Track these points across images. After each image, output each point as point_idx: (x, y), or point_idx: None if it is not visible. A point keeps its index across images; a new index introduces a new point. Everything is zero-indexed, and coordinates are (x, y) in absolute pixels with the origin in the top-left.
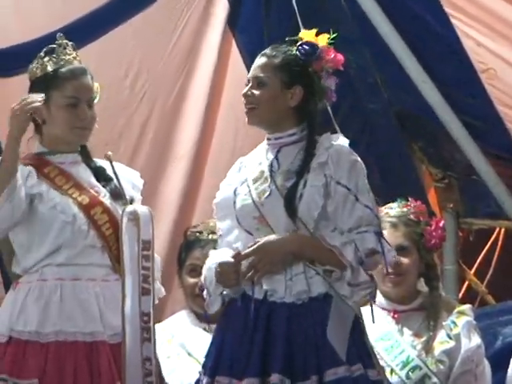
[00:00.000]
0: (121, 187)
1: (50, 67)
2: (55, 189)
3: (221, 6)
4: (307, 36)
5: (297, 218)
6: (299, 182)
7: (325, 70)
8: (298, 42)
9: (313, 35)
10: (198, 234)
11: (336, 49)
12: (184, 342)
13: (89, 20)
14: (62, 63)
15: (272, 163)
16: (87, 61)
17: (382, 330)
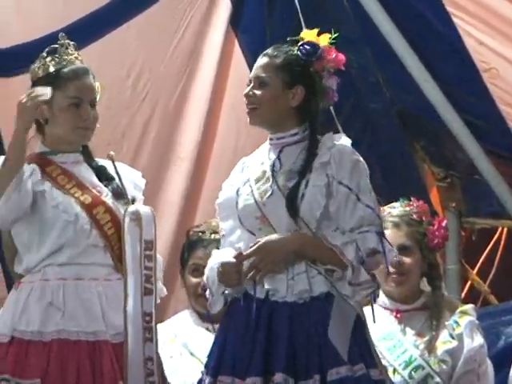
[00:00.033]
0: (123, 187)
1: (52, 67)
2: (58, 188)
3: (223, 6)
4: (309, 36)
5: (298, 218)
6: (301, 182)
7: (326, 70)
8: (300, 42)
9: (314, 35)
10: (201, 234)
11: (338, 48)
12: (186, 342)
13: (90, 20)
14: (64, 63)
15: (274, 163)
16: (89, 61)
17: (385, 330)
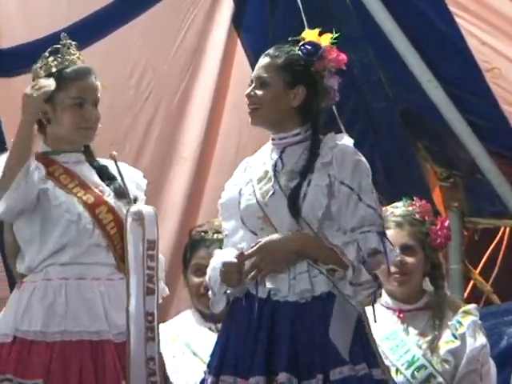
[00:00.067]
0: (125, 187)
1: (55, 67)
2: (60, 187)
3: (226, 6)
4: (310, 36)
5: (300, 218)
6: (303, 182)
7: (327, 70)
8: (301, 42)
9: (316, 35)
10: (203, 234)
11: (340, 48)
12: (189, 342)
13: (93, 20)
14: (67, 63)
15: (276, 163)
16: (92, 60)
17: (388, 330)
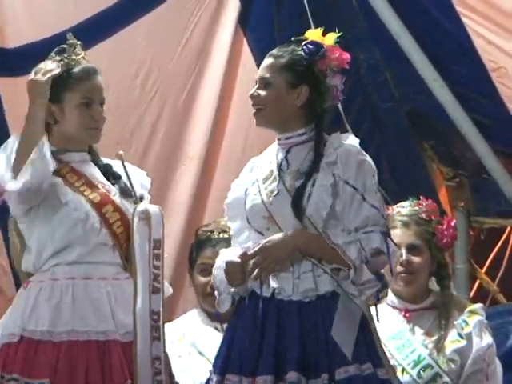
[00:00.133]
0: (131, 186)
1: (62, 67)
2: (68, 186)
3: (232, 5)
4: (313, 35)
5: (304, 218)
6: (307, 182)
7: (330, 69)
8: (304, 42)
9: (319, 34)
10: (209, 233)
11: (347, 48)
12: (195, 341)
13: (99, 19)
14: (73, 63)
15: (281, 163)
16: (98, 60)
17: (394, 329)
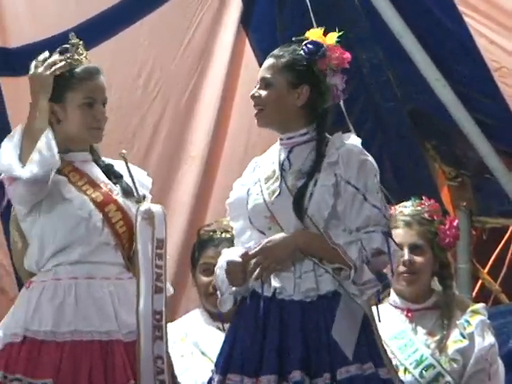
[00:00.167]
0: (134, 185)
1: (65, 67)
2: (71, 184)
3: (234, 5)
4: (314, 35)
5: (305, 218)
6: (309, 182)
7: (329, 68)
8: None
9: (320, 34)
10: (212, 233)
11: (349, 48)
12: (197, 341)
13: (100, 19)
14: (76, 63)
15: (283, 163)
16: (100, 60)
17: (396, 329)
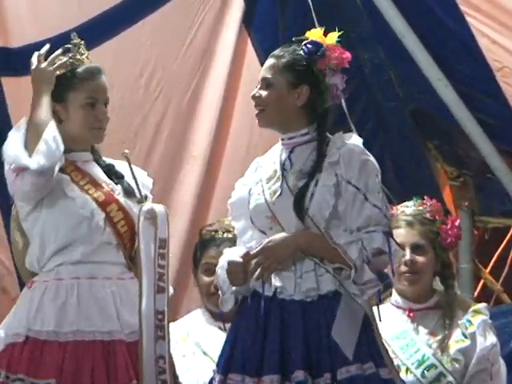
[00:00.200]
0: (137, 185)
1: (67, 67)
2: (73, 184)
3: (236, 5)
4: (314, 35)
5: (306, 218)
6: (310, 182)
7: (328, 68)
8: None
9: (320, 34)
10: (214, 233)
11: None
12: (199, 341)
13: (102, 19)
14: (77, 63)
15: (284, 163)
16: (102, 60)
17: (398, 329)
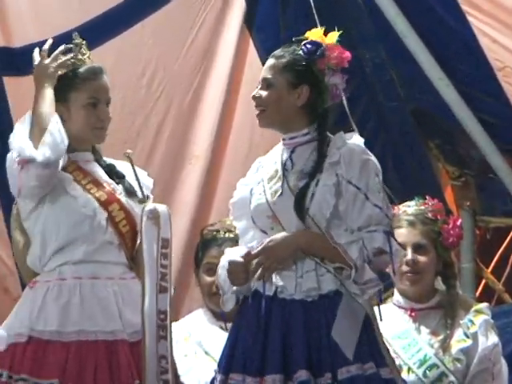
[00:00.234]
0: (139, 185)
1: (69, 67)
2: (76, 183)
3: (237, 5)
4: (314, 35)
5: (307, 219)
6: (311, 182)
7: (327, 68)
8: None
9: (320, 34)
10: (215, 233)
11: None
12: (201, 341)
13: (104, 19)
14: (79, 63)
15: (286, 163)
16: (104, 59)
17: (399, 329)
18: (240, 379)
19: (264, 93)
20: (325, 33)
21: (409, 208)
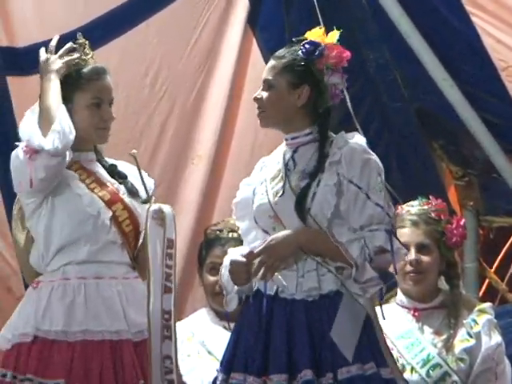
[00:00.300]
0: (144, 185)
1: (73, 67)
2: (80, 181)
3: (241, 5)
4: (313, 35)
5: (308, 219)
6: (312, 183)
7: (326, 67)
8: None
9: (320, 34)
10: (219, 233)
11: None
12: (204, 340)
13: (108, 18)
14: (83, 63)
15: (288, 163)
16: (108, 59)
17: (403, 328)
18: (241, 378)
19: (265, 94)
20: (327, 33)
21: (412, 208)
